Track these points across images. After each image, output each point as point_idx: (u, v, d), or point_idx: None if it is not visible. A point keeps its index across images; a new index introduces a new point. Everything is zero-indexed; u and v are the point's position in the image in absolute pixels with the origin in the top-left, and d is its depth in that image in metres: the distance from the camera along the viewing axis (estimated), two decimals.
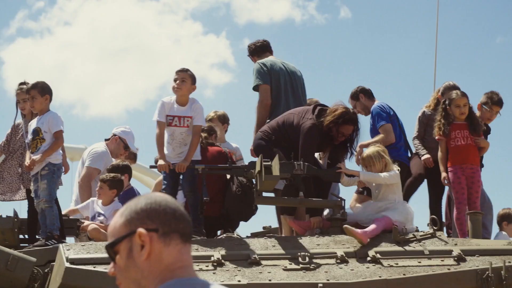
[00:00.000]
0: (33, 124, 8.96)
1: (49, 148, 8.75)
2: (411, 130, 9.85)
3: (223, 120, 10.26)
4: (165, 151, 8.32)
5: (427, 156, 9.25)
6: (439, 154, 9.08)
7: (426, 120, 9.53)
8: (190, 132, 8.34)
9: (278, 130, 8.45)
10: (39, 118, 8.92)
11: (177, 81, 8.36)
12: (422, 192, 9.65)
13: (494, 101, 9.69)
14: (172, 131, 8.40)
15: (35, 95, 8.90)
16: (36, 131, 8.88)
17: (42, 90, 8.93)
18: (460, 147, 9.03)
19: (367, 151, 8.10)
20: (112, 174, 9.18)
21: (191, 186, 8.25)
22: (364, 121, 9.92)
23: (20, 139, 9.41)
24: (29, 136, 8.92)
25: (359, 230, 7.27)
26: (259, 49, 9.86)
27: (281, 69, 9.38)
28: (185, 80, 8.33)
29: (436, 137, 9.06)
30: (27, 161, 8.87)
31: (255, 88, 9.34)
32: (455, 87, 9.51)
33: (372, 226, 7.43)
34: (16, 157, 9.40)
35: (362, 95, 10.10)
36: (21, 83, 9.37)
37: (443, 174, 8.97)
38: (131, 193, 9.64)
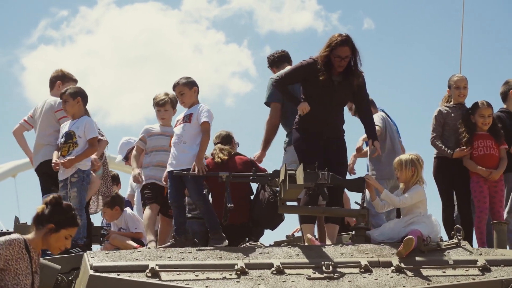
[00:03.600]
0: (65, 127, 9.04)
1: (83, 153, 8.78)
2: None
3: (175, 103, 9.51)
4: (171, 155, 8.49)
5: (459, 149, 9.13)
6: (468, 161, 9.11)
7: (443, 119, 9.41)
8: (188, 127, 8.45)
9: None
10: (74, 122, 8.99)
11: (178, 98, 8.74)
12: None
13: None
14: (175, 130, 8.62)
15: (67, 99, 9.04)
16: (70, 135, 8.93)
17: (73, 94, 9.04)
18: (482, 157, 9.05)
19: (402, 155, 8.15)
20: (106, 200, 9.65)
21: (198, 194, 8.26)
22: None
23: None
24: (61, 139, 8.97)
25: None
26: (278, 60, 9.87)
27: None
28: (183, 92, 8.61)
29: (462, 147, 9.08)
30: (54, 161, 8.86)
31: (267, 104, 9.41)
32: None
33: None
34: None
35: None
36: None
37: (486, 173, 9.03)
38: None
